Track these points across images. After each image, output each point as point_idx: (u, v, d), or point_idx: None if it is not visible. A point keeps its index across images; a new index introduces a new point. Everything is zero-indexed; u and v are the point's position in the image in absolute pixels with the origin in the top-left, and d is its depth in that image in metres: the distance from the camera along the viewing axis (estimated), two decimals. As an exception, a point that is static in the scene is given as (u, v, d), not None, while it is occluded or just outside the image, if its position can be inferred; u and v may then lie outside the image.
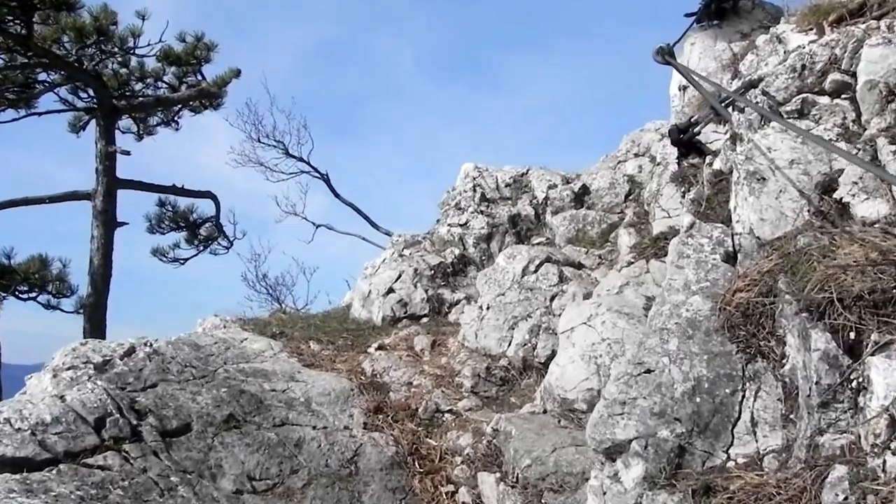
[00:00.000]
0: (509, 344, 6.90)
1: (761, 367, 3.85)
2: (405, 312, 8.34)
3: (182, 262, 15.36)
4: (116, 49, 10.97)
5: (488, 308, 7.23)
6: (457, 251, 9.14)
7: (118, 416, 4.61)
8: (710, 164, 7.11)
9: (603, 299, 5.89)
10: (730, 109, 6.04)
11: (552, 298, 7.04)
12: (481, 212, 9.61)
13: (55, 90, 12.17)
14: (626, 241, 7.72)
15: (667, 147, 7.89)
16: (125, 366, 5.41)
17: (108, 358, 5.44)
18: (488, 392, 6.58)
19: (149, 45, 11.63)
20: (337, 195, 17.37)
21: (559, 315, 6.88)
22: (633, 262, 7.22)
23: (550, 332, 6.75)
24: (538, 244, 9.41)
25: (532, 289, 7.18)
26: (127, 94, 12.66)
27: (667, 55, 6.12)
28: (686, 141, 7.67)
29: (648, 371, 3.94)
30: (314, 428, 5.52)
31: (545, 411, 5.60)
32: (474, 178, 10.30)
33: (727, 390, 3.81)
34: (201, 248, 15.57)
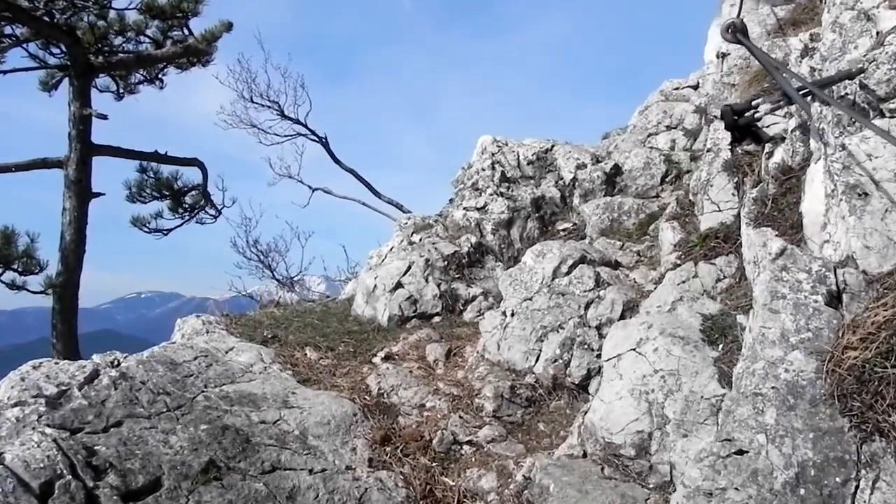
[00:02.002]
0: (537, 359, 6.17)
1: (879, 449, 3.11)
2: (415, 311, 7.61)
3: (165, 232, 14.59)
4: (90, 3, 10.02)
5: (513, 315, 6.48)
6: (473, 239, 8.37)
7: (70, 477, 3.88)
8: (771, 155, 6.32)
9: (653, 319, 5.14)
10: (807, 98, 5.23)
11: (587, 306, 6.29)
12: (501, 194, 8.81)
13: (24, 45, 11.26)
14: (669, 238, 6.96)
15: (718, 131, 7.08)
16: (84, 398, 4.69)
17: (64, 388, 4.71)
18: (513, 416, 5.87)
19: (129, -6, 10.71)
20: (336, 160, 16.54)
21: (595, 326, 6.16)
22: (679, 265, 6.48)
23: (585, 347, 6.01)
24: (565, 232, 8.65)
25: (564, 294, 6.43)
26: (105, 49, 11.73)
27: (739, 33, 5.27)
28: (742, 125, 6.88)
29: (741, 452, 3.20)
30: (311, 472, 4.80)
31: (585, 454, 4.88)
32: (493, 154, 9.48)
33: (838, 479, 3.07)
34: (186, 217, 14.79)
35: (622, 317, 6.13)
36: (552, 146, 9.63)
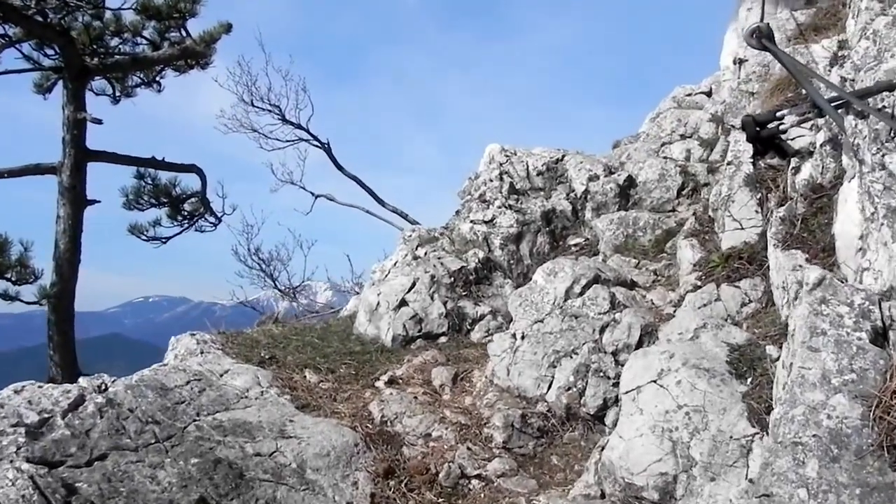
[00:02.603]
0: (549, 386, 5.92)
1: (936, 507, 2.87)
2: (420, 331, 7.36)
3: (163, 240, 14.40)
4: (81, 3, 9.79)
5: (523, 338, 6.24)
6: (481, 254, 8.12)
7: (48, 520, 3.64)
8: (797, 170, 6.08)
9: (675, 348, 4.89)
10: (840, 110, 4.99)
11: (602, 329, 6.04)
12: (510, 206, 8.56)
13: (17, 45, 11.05)
14: (687, 256, 6.73)
15: (739, 143, 6.83)
16: (67, 427, 4.45)
17: (46, 416, 4.48)
18: (524, 448, 5.62)
19: (125, -6, 10.46)
20: (339, 167, 16.30)
21: (611, 352, 5.91)
22: (699, 286, 6.24)
23: (601, 374, 5.76)
24: (577, 247, 8.41)
25: (577, 316, 6.18)
26: (100, 51, 11.53)
27: (765, 39, 5.04)
28: (765, 138, 6.66)
29: (780, 510, 2.95)
30: (309, 510, 4.57)
31: (603, 494, 4.63)
32: (501, 164, 9.23)
33: (889, 541, 2.82)
34: (186, 224, 14.61)
35: (640, 342, 5.89)
36: (562, 156, 9.39)
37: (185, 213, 14.35)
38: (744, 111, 10.40)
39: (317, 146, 16.53)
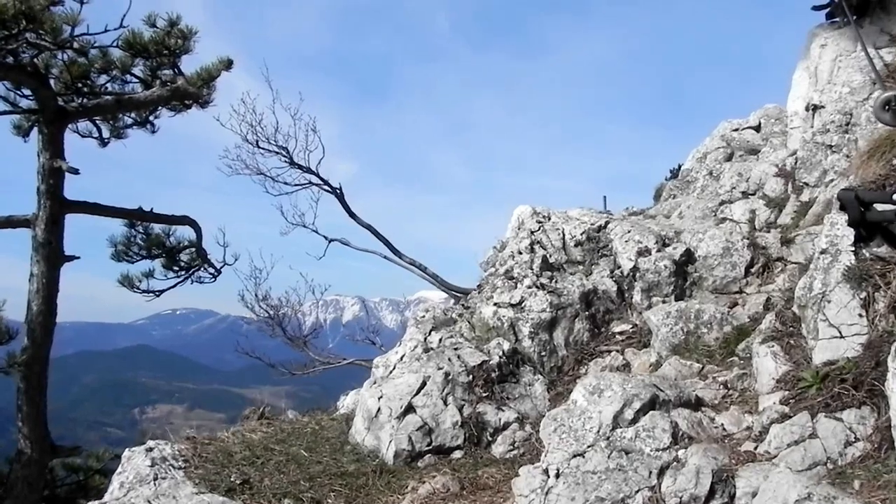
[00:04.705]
0: (592, 546, 4.62)
1: None
2: (429, 444, 6.12)
3: (157, 293, 13.32)
4: (47, 42, 8.68)
5: (558, 476, 4.95)
6: (506, 344, 6.85)
7: None
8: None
9: (772, 533, 3.59)
10: None
11: (661, 471, 4.74)
12: (542, 286, 7.28)
13: (-9, 86, 10.02)
14: (769, 368, 5.44)
15: (837, 226, 5.51)
16: None
17: None
18: None
19: (105, 30, 9.35)
20: (352, 214, 15.05)
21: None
22: (787, 415, 4.94)
23: (661, 538, 4.45)
24: (623, 336, 7.12)
25: (629, 451, 4.89)
26: (85, 90, 10.47)
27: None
28: (872, 221, 5.38)
29: None
30: None
31: None
32: (532, 232, 7.99)
33: None
34: (182, 275, 13.53)
35: (711, 492, 4.56)
36: (605, 223, 8.11)
37: (182, 264, 13.28)
38: (819, 166, 9.09)
39: (328, 191, 15.37)
